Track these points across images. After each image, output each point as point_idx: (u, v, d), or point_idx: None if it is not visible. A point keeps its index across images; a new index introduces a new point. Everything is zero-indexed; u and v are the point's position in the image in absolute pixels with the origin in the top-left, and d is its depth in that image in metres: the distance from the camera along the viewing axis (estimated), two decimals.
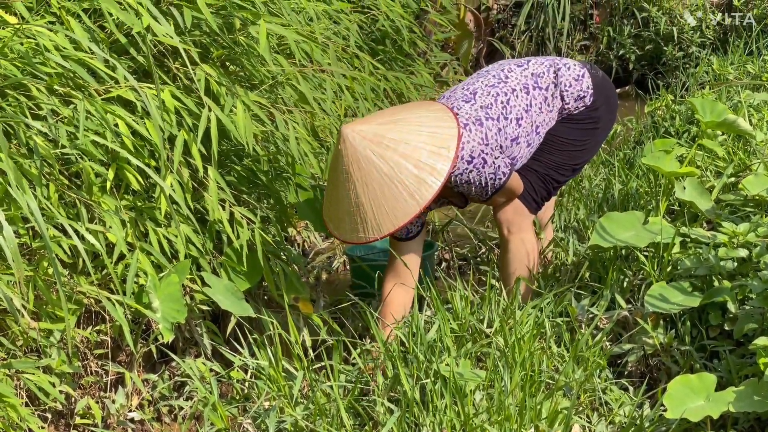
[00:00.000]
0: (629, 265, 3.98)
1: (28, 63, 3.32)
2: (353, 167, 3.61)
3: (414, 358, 3.26)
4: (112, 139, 3.39)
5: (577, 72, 4.03)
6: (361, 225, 3.66)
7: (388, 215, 3.62)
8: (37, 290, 3.35)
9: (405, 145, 3.63)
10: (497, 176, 3.81)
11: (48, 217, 3.20)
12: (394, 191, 3.60)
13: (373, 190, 3.61)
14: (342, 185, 3.66)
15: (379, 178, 3.60)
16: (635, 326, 3.60)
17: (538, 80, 3.96)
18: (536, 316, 3.50)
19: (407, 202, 3.61)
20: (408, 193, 3.61)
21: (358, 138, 3.61)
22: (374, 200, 3.62)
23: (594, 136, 4.08)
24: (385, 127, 3.68)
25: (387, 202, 3.61)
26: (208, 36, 4.04)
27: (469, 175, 3.77)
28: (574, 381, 3.20)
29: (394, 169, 3.60)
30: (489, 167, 3.77)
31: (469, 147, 3.73)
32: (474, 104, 3.83)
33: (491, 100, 3.86)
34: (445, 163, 3.63)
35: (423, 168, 3.62)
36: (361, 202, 3.63)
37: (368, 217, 3.64)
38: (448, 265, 5.09)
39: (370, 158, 3.60)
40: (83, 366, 3.63)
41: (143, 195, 3.71)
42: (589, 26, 9.08)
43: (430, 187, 3.61)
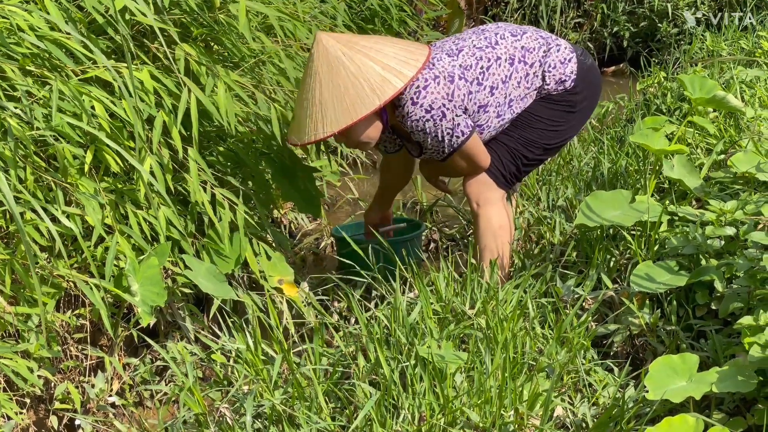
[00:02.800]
0: (616, 245, 3.94)
1: (1, 43, 3.27)
2: (322, 67, 3.72)
3: (396, 341, 3.23)
4: (88, 121, 3.34)
5: (565, 55, 4.01)
6: (321, 122, 3.73)
7: (348, 110, 3.69)
8: (15, 274, 3.31)
9: (376, 51, 3.77)
10: (455, 134, 3.84)
11: (24, 201, 3.16)
12: (357, 88, 3.69)
13: (337, 86, 3.70)
14: (308, 87, 3.76)
15: (345, 75, 3.70)
16: (621, 306, 3.57)
17: (526, 54, 3.96)
18: (520, 296, 3.46)
19: (369, 97, 3.68)
20: (371, 89, 3.69)
21: (331, 41, 3.75)
22: (337, 96, 3.70)
23: (568, 120, 4.06)
24: (360, 37, 3.92)
25: (349, 98, 3.69)
26: (188, 15, 3.98)
27: (426, 124, 3.80)
28: (557, 362, 3.16)
29: (361, 68, 3.71)
30: (447, 122, 3.81)
31: (431, 97, 3.78)
32: (455, 60, 3.87)
33: (473, 61, 3.88)
34: (411, 70, 3.72)
35: (389, 70, 3.72)
36: (324, 99, 3.71)
37: (329, 112, 3.70)
38: (437, 246, 5.05)
39: (339, 58, 3.72)
40: (63, 350, 3.59)
41: (123, 177, 3.66)
42: (582, 3, 9.03)
43: (393, 87, 3.68)
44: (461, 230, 5.02)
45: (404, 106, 3.80)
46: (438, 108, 3.78)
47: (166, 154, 3.69)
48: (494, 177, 4.01)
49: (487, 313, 3.32)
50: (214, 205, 3.78)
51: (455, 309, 3.45)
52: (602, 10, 8.89)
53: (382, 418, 2.92)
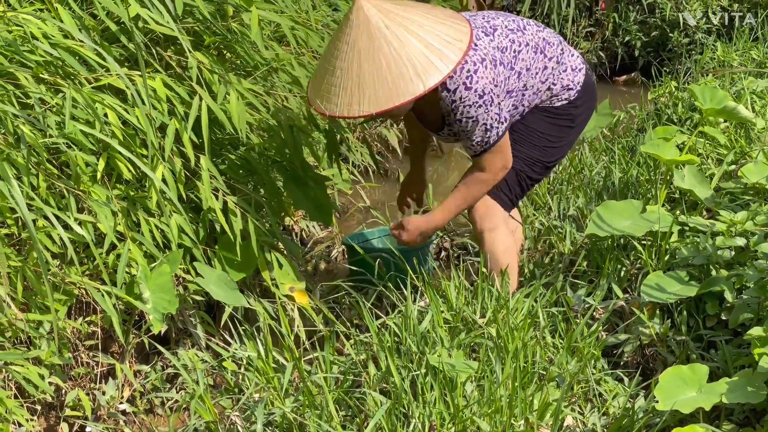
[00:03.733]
0: (627, 255, 3.94)
1: (15, 51, 3.29)
2: (362, 37, 3.47)
3: (407, 350, 3.23)
4: (101, 129, 3.36)
5: (577, 63, 3.95)
6: (357, 99, 3.49)
7: (390, 91, 3.46)
8: (27, 281, 3.32)
9: (419, 26, 3.53)
10: (501, 120, 3.68)
11: (36, 208, 3.17)
12: (401, 67, 3.47)
13: (378, 62, 3.47)
14: (344, 55, 3.51)
15: (387, 52, 3.47)
16: (632, 316, 3.57)
17: (546, 47, 3.85)
18: (530, 305, 3.46)
19: (412, 81, 3.46)
20: (414, 72, 3.47)
21: (373, 9, 3.49)
22: (378, 75, 3.47)
23: (567, 135, 3.98)
24: (402, 6, 3.58)
25: (392, 78, 3.46)
26: (201, 23, 4.00)
27: (478, 111, 3.62)
28: (568, 372, 3.16)
29: (405, 46, 3.48)
30: (495, 108, 3.64)
31: (482, 82, 3.61)
32: (493, 41, 3.70)
33: (507, 43, 3.73)
34: (457, 54, 3.51)
35: (433, 51, 3.50)
36: (363, 74, 3.48)
37: (367, 90, 3.48)
38: (447, 254, 5.05)
39: (381, 30, 3.48)
40: (74, 357, 3.60)
41: (136, 184, 3.67)
42: (594, 12, 9.02)
43: (439, 72, 3.48)
44: (472, 238, 5.01)
45: (456, 91, 3.60)
46: (488, 93, 3.62)
47: (178, 162, 3.70)
48: (500, 200, 3.91)
49: (497, 323, 3.32)
50: (226, 213, 3.79)
51: (466, 318, 3.46)
52: (614, 20, 8.88)
53: (392, 426, 2.92)
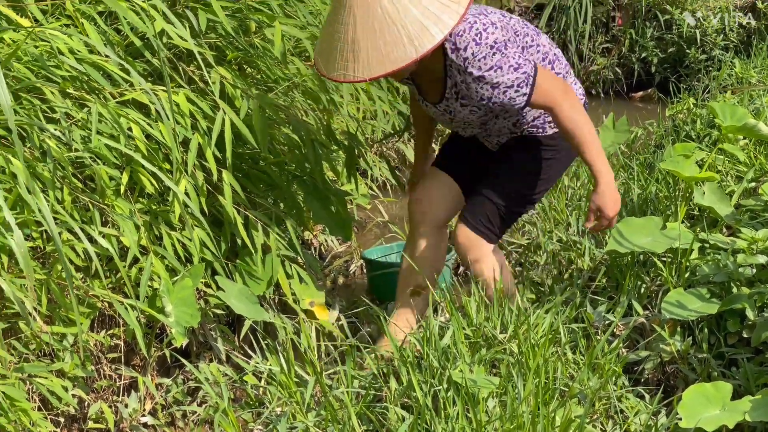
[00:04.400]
0: (647, 271, 3.94)
1: (42, 66, 3.32)
2: (358, 3, 3.40)
3: (428, 365, 3.24)
4: (125, 143, 3.38)
5: (579, 91, 3.91)
6: (351, 63, 3.44)
7: (383, 57, 3.40)
8: (51, 294, 3.35)
9: None
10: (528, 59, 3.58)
11: (61, 221, 3.20)
12: (394, 33, 3.39)
13: (372, 28, 3.40)
14: (340, 19, 3.45)
15: (382, 17, 3.39)
16: (652, 333, 3.57)
17: (556, 62, 3.83)
18: (551, 321, 3.47)
19: (405, 47, 3.39)
20: (408, 38, 3.40)
21: None
22: (372, 39, 3.40)
23: (551, 167, 3.90)
24: None
25: (385, 44, 3.40)
26: (223, 38, 4.03)
27: (494, 57, 3.52)
28: (589, 389, 3.17)
29: (399, 11, 3.39)
30: (515, 49, 3.57)
31: (493, 37, 3.51)
32: (509, 21, 3.68)
33: (521, 30, 3.71)
34: (453, 17, 3.42)
35: (429, 16, 3.41)
36: (357, 39, 3.41)
37: (361, 55, 3.42)
38: (465, 270, 5.06)
39: None
40: (96, 370, 3.62)
41: (158, 198, 3.69)
42: (611, 28, 9.05)
43: (432, 37, 3.39)
44: None
45: (467, 48, 3.51)
46: (501, 41, 3.52)
47: (200, 176, 3.73)
48: (484, 235, 3.85)
49: (518, 338, 3.33)
50: (247, 227, 3.81)
51: (486, 334, 3.46)
52: (630, 36, 8.91)
53: None
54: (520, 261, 4.73)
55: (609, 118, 5.67)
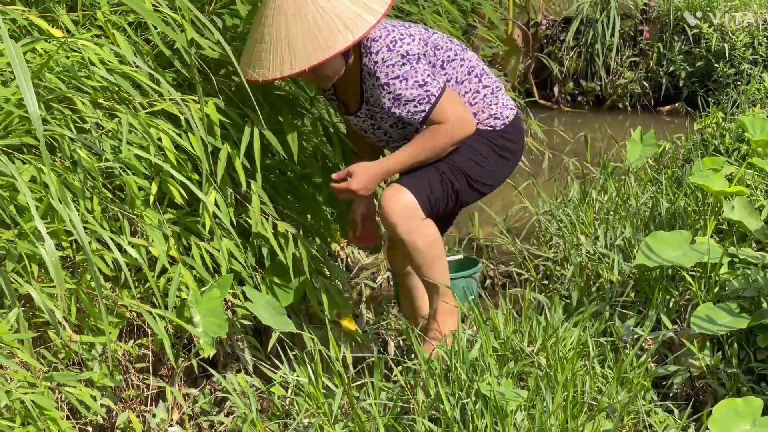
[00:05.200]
0: (675, 285, 3.92)
1: (73, 76, 3.34)
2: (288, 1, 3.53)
3: (456, 377, 3.23)
4: (155, 153, 3.40)
5: (509, 102, 3.92)
6: (289, 58, 3.52)
7: (320, 45, 3.50)
8: (80, 303, 3.36)
9: None
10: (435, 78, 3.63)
11: (91, 231, 3.21)
12: (329, 23, 3.50)
13: (306, 20, 3.51)
14: (270, 21, 3.55)
15: (314, 9, 3.51)
16: (681, 347, 3.56)
17: (484, 76, 3.84)
18: (579, 335, 3.46)
19: (341, 33, 3.50)
20: (343, 24, 3.51)
21: None
22: (307, 31, 3.51)
23: (494, 160, 3.87)
24: None
25: (321, 33, 3.50)
26: None
27: (402, 68, 3.61)
28: (618, 402, 3.15)
29: (331, 2, 3.53)
30: (423, 65, 3.62)
31: (407, 47, 3.61)
32: (430, 35, 3.74)
33: (443, 44, 3.75)
34: (382, 5, 3.56)
35: (360, 5, 3.54)
36: (291, 34, 3.51)
37: (298, 48, 3.51)
38: (492, 282, 5.05)
39: None
40: (124, 379, 3.62)
41: (187, 209, 3.70)
42: (638, 42, 9.04)
43: (366, 22, 3.52)
44: (517, 267, 5.02)
45: (378, 52, 3.62)
46: (414, 54, 3.61)
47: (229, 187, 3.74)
48: (420, 198, 3.73)
49: (546, 351, 3.32)
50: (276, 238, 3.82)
51: (514, 346, 3.46)
52: (658, 50, 8.89)
53: None
54: (547, 274, 4.72)
55: (636, 131, 5.66)
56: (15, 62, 2.53)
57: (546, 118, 8.63)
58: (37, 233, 2.91)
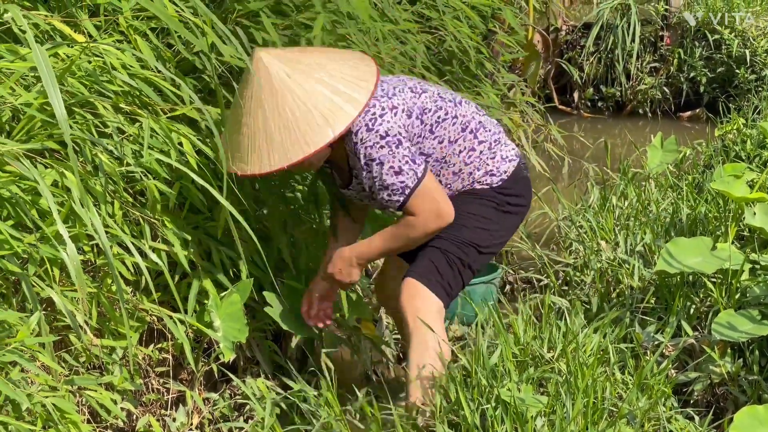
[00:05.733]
0: (696, 292, 3.91)
1: (95, 81, 3.35)
2: (265, 91, 3.34)
3: (476, 383, 3.23)
4: (176, 158, 3.41)
5: (509, 154, 3.68)
6: (267, 153, 3.34)
7: (299, 141, 3.31)
8: (101, 307, 3.37)
9: (322, 70, 3.39)
10: (415, 163, 3.43)
11: (112, 235, 3.22)
12: (307, 116, 3.31)
13: (285, 114, 3.32)
14: (248, 111, 3.37)
15: (292, 102, 3.32)
16: (702, 354, 3.54)
17: (481, 130, 3.64)
18: (599, 341, 3.45)
19: (320, 128, 3.30)
20: (322, 118, 3.31)
21: (273, 61, 3.35)
22: (285, 126, 3.32)
23: (499, 219, 3.65)
24: (300, 51, 3.48)
25: (299, 127, 3.31)
26: None
27: (380, 152, 3.39)
28: (638, 409, 3.15)
29: (309, 93, 3.33)
30: (404, 150, 3.40)
31: (387, 125, 3.41)
32: (417, 98, 3.53)
33: (433, 106, 3.55)
34: (363, 95, 3.36)
35: (340, 95, 3.35)
36: (269, 127, 3.33)
37: (276, 143, 3.33)
38: (512, 288, 5.05)
39: (284, 81, 3.33)
40: (145, 383, 3.63)
41: (207, 213, 3.71)
42: (659, 48, 9.01)
43: (347, 115, 3.32)
44: (537, 273, 5.01)
45: (358, 133, 3.41)
46: (394, 135, 3.41)
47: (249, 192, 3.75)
48: (432, 286, 3.55)
49: (566, 357, 3.31)
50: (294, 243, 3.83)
51: (533, 352, 3.45)
52: (679, 55, 8.86)
53: None
54: (566, 280, 4.71)
55: (657, 137, 5.65)
56: (41, 67, 2.55)
57: (566, 123, 8.62)
58: (59, 237, 2.92)
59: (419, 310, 3.47)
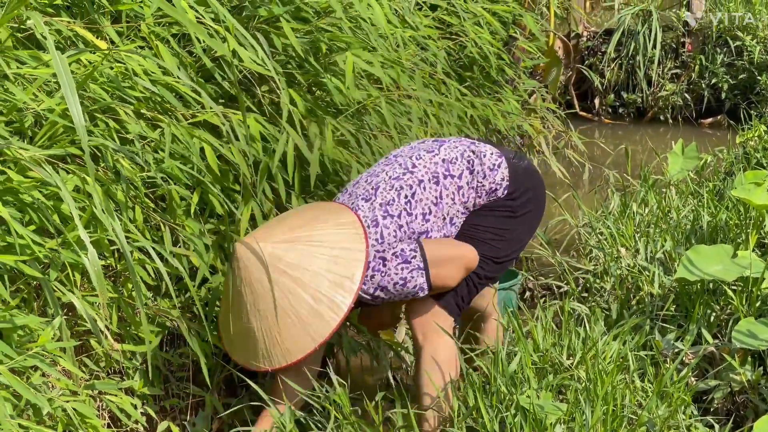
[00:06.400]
0: (716, 300, 3.90)
1: (116, 87, 3.37)
2: (246, 290, 3.26)
3: (495, 389, 3.23)
4: (197, 163, 3.42)
5: (492, 161, 3.58)
6: (252, 352, 3.32)
7: (279, 347, 3.26)
8: (121, 312, 3.39)
9: (303, 270, 3.25)
10: (410, 256, 3.38)
11: (133, 240, 3.24)
12: (287, 323, 3.24)
13: (265, 318, 3.25)
14: (236, 306, 3.31)
15: (272, 306, 3.24)
16: (722, 362, 3.53)
17: (450, 167, 3.53)
18: (619, 348, 3.44)
19: (301, 337, 3.25)
20: (303, 327, 3.24)
21: (252, 259, 3.23)
22: (266, 330, 3.26)
23: (514, 227, 3.62)
24: (282, 247, 3.27)
25: (280, 334, 3.25)
26: (293, 60, 4.06)
27: (374, 278, 3.36)
28: (658, 417, 3.14)
29: (289, 298, 3.24)
30: (393, 260, 3.37)
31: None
32: (374, 201, 3.43)
33: (393, 195, 3.44)
34: (347, 296, 3.26)
35: (321, 300, 3.24)
36: (251, 328, 3.28)
37: (259, 346, 3.29)
38: (532, 294, 5.04)
39: (263, 283, 3.24)
40: (165, 388, 3.65)
41: (227, 218, 3.73)
42: (680, 54, 8.98)
43: (328, 324, 3.24)
44: (557, 280, 5.01)
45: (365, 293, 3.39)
46: (373, 257, 3.36)
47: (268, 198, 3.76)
48: (445, 304, 3.53)
49: (586, 365, 3.31)
50: None
51: (553, 359, 3.45)
52: (700, 62, 8.83)
53: None
54: (586, 287, 4.70)
55: (678, 144, 5.63)
56: (61, 74, 2.56)
57: (586, 129, 8.60)
58: (80, 242, 2.94)
59: (428, 326, 3.47)
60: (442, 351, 3.45)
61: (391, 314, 3.61)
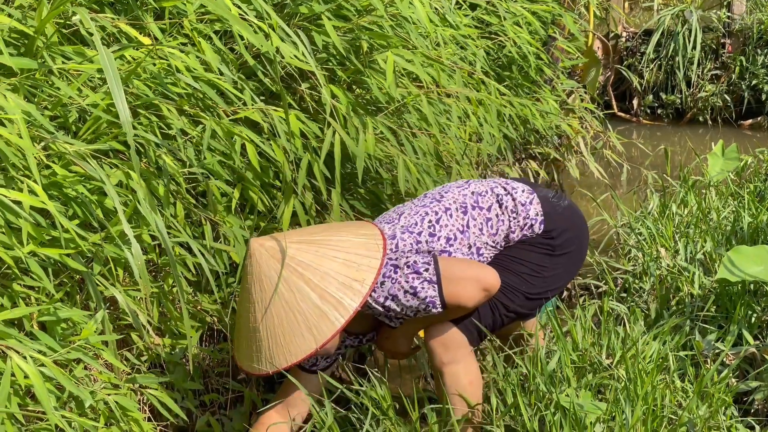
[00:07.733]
0: (758, 301, 3.87)
1: (159, 83, 3.40)
2: (255, 287, 3.20)
3: (534, 388, 3.23)
4: (239, 160, 3.44)
5: (525, 197, 3.50)
6: (255, 354, 3.26)
7: (282, 348, 3.21)
8: (162, 307, 3.41)
9: (314, 270, 3.20)
10: (422, 267, 3.28)
11: (174, 235, 3.26)
12: (291, 322, 3.18)
13: (270, 316, 3.19)
14: (244, 305, 3.27)
15: (278, 303, 3.18)
16: (763, 363, 3.51)
17: (479, 199, 3.47)
18: (659, 348, 3.43)
19: (304, 337, 3.18)
20: (306, 326, 3.19)
21: (264, 255, 3.19)
22: (270, 328, 3.20)
23: (553, 265, 3.51)
24: (296, 247, 3.23)
25: (284, 334, 3.20)
26: (334, 57, 4.07)
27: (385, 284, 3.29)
28: (698, 417, 3.12)
29: (296, 296, 3.18)
30: (405, 269, 3.29)
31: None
32: (396, 223, 3.41)
33: (417, 219, 3.41)
34: (354, 298, 3.20)
35: (328, 300, 3.19)
36: (257, 328, 3.22)
37: (263, 346, 3.23)
38: (570, 294, 5.03)
39: (273, 280, 3.18)
40: (204, 383, 3.67)
41: (267, 215, 3.75)
42: (720, 55, 8.93)
43: (332, 324, 3.18)
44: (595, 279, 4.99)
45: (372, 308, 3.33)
46: (385, 265, 3.28)
47: (309, 196, 3.77)
48: (467, 332, 3.42)
49: (626, 364, 3.30)
50: None
51: (592, 359, 3.44)
52: (740, 63, 8.78)
53: None
54: (625, 287, 4.68)
55: (718, 145, 5.60)
56: (107, 70, 2.59)
57: (624, 130, 8.57)
58: (123, 237, 2.96)
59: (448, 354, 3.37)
60: (463, 376, 3.37)
61: (408, 342, 3.53)
